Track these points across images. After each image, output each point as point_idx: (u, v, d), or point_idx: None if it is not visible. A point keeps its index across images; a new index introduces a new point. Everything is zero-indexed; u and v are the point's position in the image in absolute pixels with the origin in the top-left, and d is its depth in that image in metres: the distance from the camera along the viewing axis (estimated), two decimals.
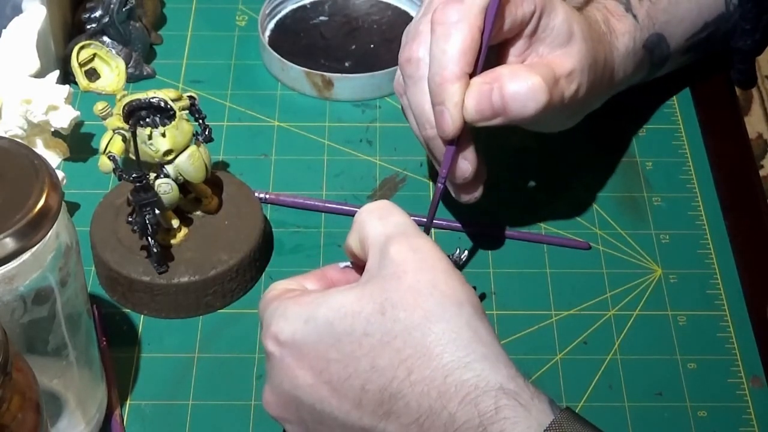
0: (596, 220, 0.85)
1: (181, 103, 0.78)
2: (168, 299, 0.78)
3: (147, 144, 0.76)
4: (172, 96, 0.78)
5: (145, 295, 0.78)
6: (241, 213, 0.81)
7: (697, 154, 0.90)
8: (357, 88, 0.93)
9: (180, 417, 0.73)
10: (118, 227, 0.80)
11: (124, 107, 0.77)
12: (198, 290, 0.78)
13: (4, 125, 0.84)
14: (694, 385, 0.75)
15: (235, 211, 0.81)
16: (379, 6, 1.00)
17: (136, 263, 0.78)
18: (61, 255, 0.62)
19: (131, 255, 0.78)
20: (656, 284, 0.81)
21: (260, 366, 0.76)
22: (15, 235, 0.58)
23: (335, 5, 1.00)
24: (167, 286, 0.77)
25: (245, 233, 0.80)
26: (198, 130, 0.78)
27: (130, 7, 0.93)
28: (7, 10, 0.89)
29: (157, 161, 0.77)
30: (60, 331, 0.65)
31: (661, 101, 0.94)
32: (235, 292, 0.79)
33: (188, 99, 0.78)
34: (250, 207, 0.82)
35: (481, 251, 0.83)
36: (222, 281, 0.78)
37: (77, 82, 0.78)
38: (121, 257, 0.78)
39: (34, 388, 0.57)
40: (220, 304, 0.79)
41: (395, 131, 0.91)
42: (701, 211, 0.85)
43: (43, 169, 0.61)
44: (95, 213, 0.81)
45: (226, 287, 0.79)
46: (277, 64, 0.94)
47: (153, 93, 0.78)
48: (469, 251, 0.82)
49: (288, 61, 0.93)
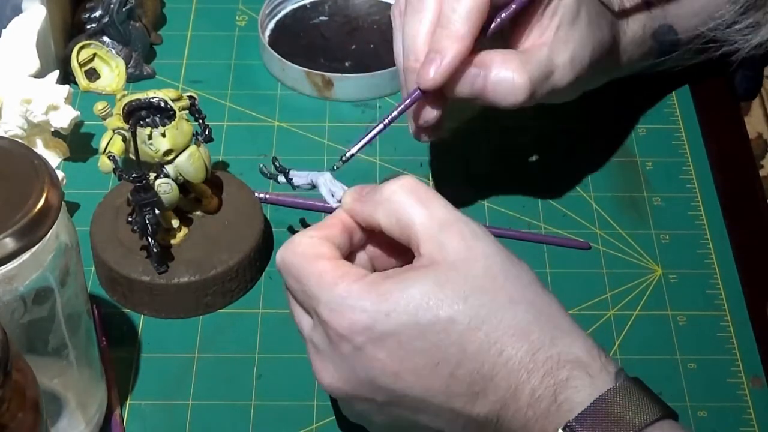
0: (596, 220, 0.85)
1: (181, 103, 0.78)
2: (168, 299, 0.78)
3: (147, 144, 0.76)
4: (172, 96, 0.78)
5: (145, 295, 0.78)
6: (241, 213, 0.81)
7: (697, 154, 0.90)
8: (357, 88, 0.93)
9: (180, 417, 0.73)
10: (118, 227, 0.79)
11: (124, 107, 0.77)
12: (198, 290, 0.78)
13: (4, 125, 0.84)
14: (694, 385, 0.75)
15: (235, 211, 0.81)
16: (379, 6, 1.00)
17: (136, 263, 0.78)
18: (61, 255, 0.62)
19: (131, 255, 0.78)
20: (656, 284, 0.81)
21: (260, 366, 0.76)
22: (15, 235, 0.58)
23: (335, 5, 1.00)
24: (167, 286, 0.77)
25: (245, 233, 0.80)
26: (198, 130, 0.78)
27: (130, 7, 0.93)
28: (7, 10, 0.89)
29: (157, 161, 0.77)
30: (60, 331, 0.65)
31: (661, 101, 0.94)
32: (235, 292, 0.79)
33: (188, 99, 0.78)
34: (250, 207, 0.82)
35: None
36: (222, 281, 0.78)
37: (77, 82, 0.78)
38: (121, 257, 0.78)
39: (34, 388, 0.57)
40: (220, 304, 0.79)
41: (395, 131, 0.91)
42: (701, 211, 0.85)
43: (43, 169, 0.61)
44: (95, 213, 0.81)
45: (226, 287, 0.79)
46: (277, 64, 0.94)
47: (153, 93, 0.78)
48: None
49: (288, 61, 0.93)
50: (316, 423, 0.73)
